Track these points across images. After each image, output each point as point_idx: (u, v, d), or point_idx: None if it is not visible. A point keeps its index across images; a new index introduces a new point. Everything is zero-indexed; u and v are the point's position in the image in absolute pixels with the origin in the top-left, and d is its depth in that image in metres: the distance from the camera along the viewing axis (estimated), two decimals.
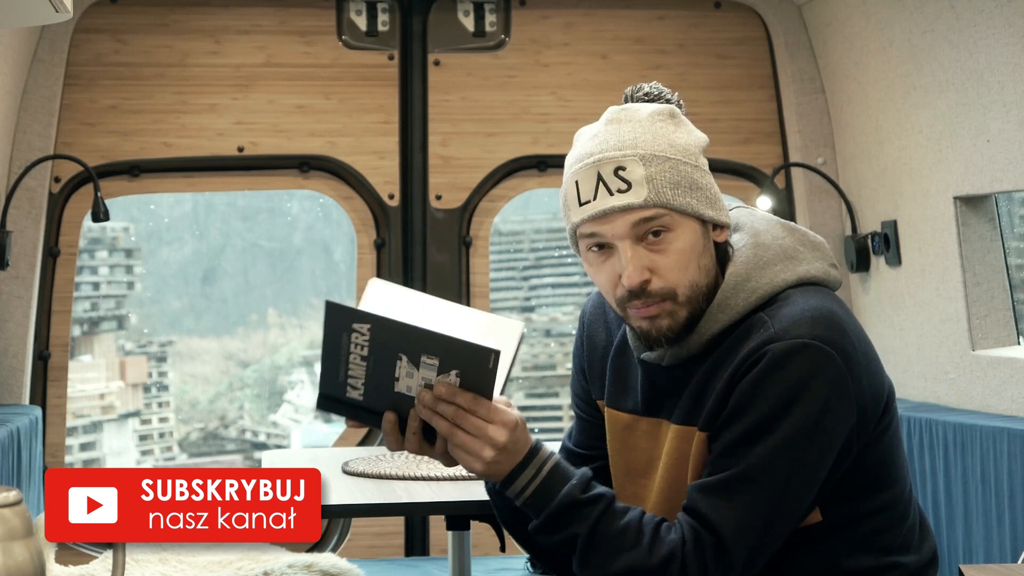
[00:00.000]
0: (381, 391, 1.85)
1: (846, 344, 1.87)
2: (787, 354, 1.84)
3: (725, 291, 1.93)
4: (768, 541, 1.86)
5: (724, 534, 1.83)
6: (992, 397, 3.65)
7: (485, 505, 2.64)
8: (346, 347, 1.84)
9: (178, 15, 4.38)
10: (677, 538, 1.85)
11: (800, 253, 1.98)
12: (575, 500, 1.88)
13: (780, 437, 1.84)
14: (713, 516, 1.84)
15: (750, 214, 2.05)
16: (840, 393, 1.86)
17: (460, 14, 4.49)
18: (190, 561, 3.77)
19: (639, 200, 1.89)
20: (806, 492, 1.87)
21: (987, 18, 3.47)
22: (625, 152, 1.92)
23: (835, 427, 1.87)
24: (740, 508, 1.84)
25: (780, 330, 1.86)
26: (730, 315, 1.92)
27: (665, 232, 1.90)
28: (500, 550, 2.89)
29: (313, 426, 7.66)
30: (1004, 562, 3.26)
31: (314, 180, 4.50)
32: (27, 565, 1.76)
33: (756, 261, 1.95)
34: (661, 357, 1.97)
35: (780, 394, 1.84)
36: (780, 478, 1.84)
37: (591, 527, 1.87)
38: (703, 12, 4.54)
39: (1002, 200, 3.82)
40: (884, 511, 1.97)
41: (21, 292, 4.19)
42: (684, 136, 1.95)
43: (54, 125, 4.24)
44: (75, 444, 6.95)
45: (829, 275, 1.98)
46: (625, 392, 2.07)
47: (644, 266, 1.90)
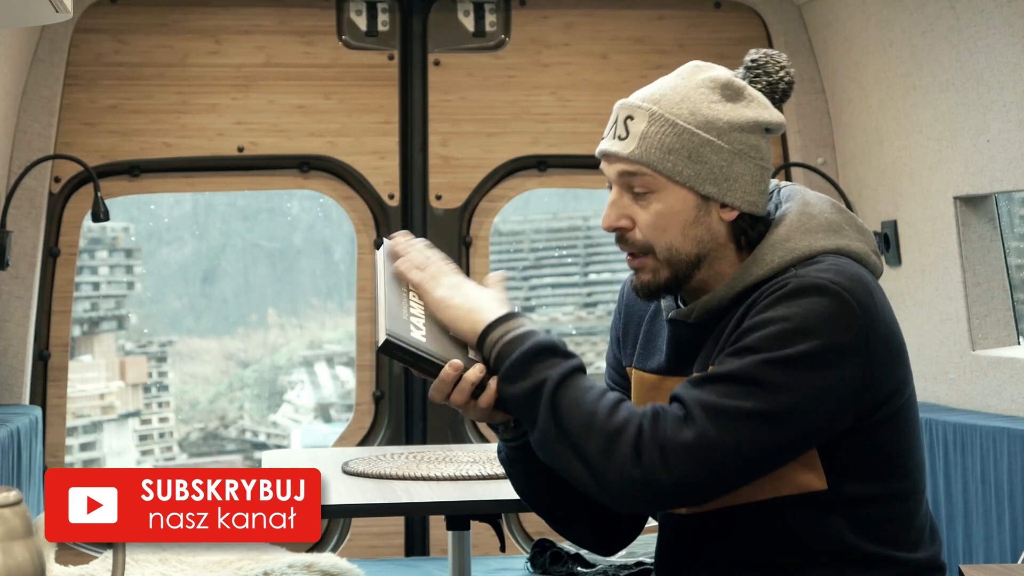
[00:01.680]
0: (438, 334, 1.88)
1: (869, 304, 1.84)
2: (807, 287, 1.82)
3: (763, 247, 1.92)
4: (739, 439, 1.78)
5: (691, 407, 1.78)
6: (992, 397, 3.65)
7: (485, 505, 2.65)
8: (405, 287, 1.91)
9: (178, 15, 4.38)
10: (639, 411, 1.81)
11: (845, 230, 1.96)
12: (553, 344, 1.87)
13: (780, 355, 1.79)
14: (685, 395, 1.80)
15: (804, 190, 2.04)
16: (851, 343, 1.81)
17: (460, 14, 4.50)
18: (190, 561, 3.77)
19: (625, 152, 1.92)
20: (794, 419, 1.80)
21: (987, 18, 3.47)
22: (644, 104, 1.95)
23: (839, 376, 1.81)
24: (718, 395, 1.79)
25: (804, 273, 1.85)
26: (764, 269, 1.90)
27: (647, 192, 1.92)
28: (500, 550, 2.89)
29: (313, 426, 7.66)
30: (1004, 562, 3.26)
31: (314, 180, 4.50)
32: (27, 565, 1.76)
33: (799, 226, 1.94)
34: (689, 313, 1.96)
35: (790, 318, 1.80)
36: (768, 389, 1.78)
37: (563, 374, 1.84)
38: (703, 12, 4.54)
39: (1002, 200, 3.82)
40: (893, 500, 1.95)
41: (21, 292, 4.19)
42: (722, 110, 1.93)
43: (54, 125, 4.24)
44: (75, 444, 6.95)
45: (870, 257, 1.95)
46: (652, 353, 2.07)
47: (623, 214, 1.93)
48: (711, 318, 1.95)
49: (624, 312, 2.18)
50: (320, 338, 7.77)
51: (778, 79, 2.01)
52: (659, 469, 1.77)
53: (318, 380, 7.82)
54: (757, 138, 1.95)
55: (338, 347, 7.57)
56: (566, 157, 4.54)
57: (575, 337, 6.69)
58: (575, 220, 6.83)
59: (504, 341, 1.87)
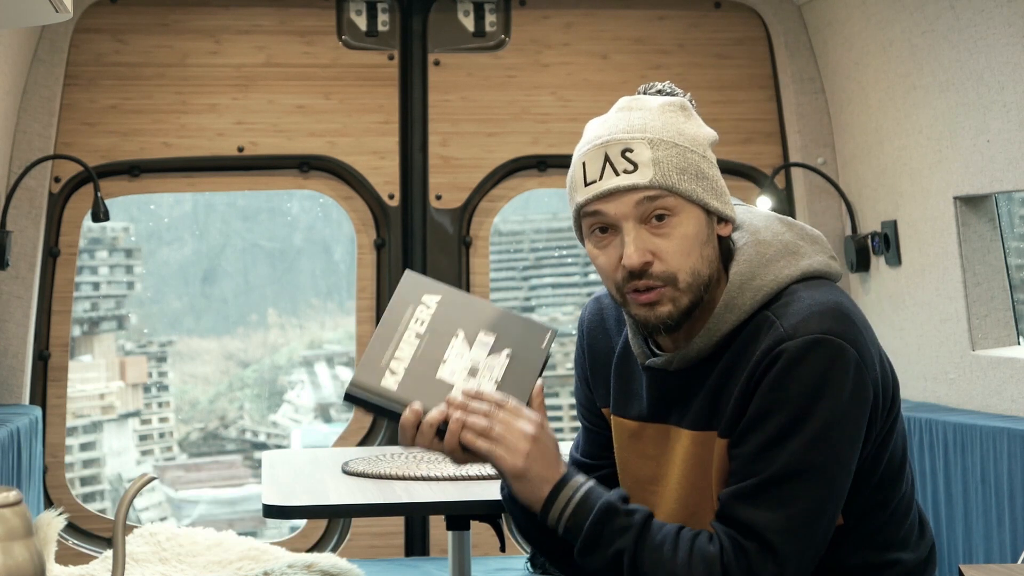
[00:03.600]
0: (420, 376, 1.88)
1: (855, 335, 1.87)
2: (803, 350, 1.84)
3: (731, 291, 1.92)
4: (815, 538, 1.84)
5: (769, 537, 1.81)
6: (992, 397, 3.65)
7: (485, 505, 2.65)
8: (407, 321, 1.88)
9: (178, 15, 4.38)
10: (716, 550, 1.83)
11: (801, 248, 1.98)
12: (615, 505, 1.88)
13: (810, 433, 1.83)
14: (755, 521, 1.82)
15: (747, 211, 2.05)
16: (859, 382, 1.86)
17: (460, 14, 4.50)
18: (190, 561, 3.77)
19: (645, 180, 1.89)
20: (843, 484, 1.86)
21: (987, 18, 3.47)
22: (634, 135, 1.93)
23: (860, 416, 1.87)
24: (781, 509, 1.82)
25: (790, 328, 1.86)
26: (738, 315, 1.92)
27: (669, 216, 1.90)
28: (500, 550, 2.89)
29: (313, 426, 7.66)
30: (1004, 562, 3.26)
31: (314, 180, 4.50)
32: (27, 565, 1.76)
33: (759, 259, 1.95)
34: (668, 363, 1.97)
35: (803, 391, 1.83)
36: (817, 473, 1.83)
37: (636, 538, 1.86)
38: (703, 12, 4.54)
39: (1002, 200, 3.82)
40: (888, 507, 1.97)
41: (21, 292, 4.19)
42: (694, 128, 1.96)
43: (54, 125, 4.24)
44: (75, 444, 6.95)
45: (831, 268, 1.99)
46: (630, 399, 2.06)
47: (646, 248, 1.90)
48: (691, 367, 1.96)
49: (588, 351, 2.17)
50: (320, 338, 7.78)
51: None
52: None
53: (318, 380, 7.83)
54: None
55: (338, 347, 7.57)
56: (566, 157, 4.49)
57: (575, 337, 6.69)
58: None
59: (568, 513, 1.89)
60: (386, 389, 1.88)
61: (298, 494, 2.74)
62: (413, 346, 1.89)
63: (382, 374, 1.88)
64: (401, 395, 1.88)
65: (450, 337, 1.88)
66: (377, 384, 1.88)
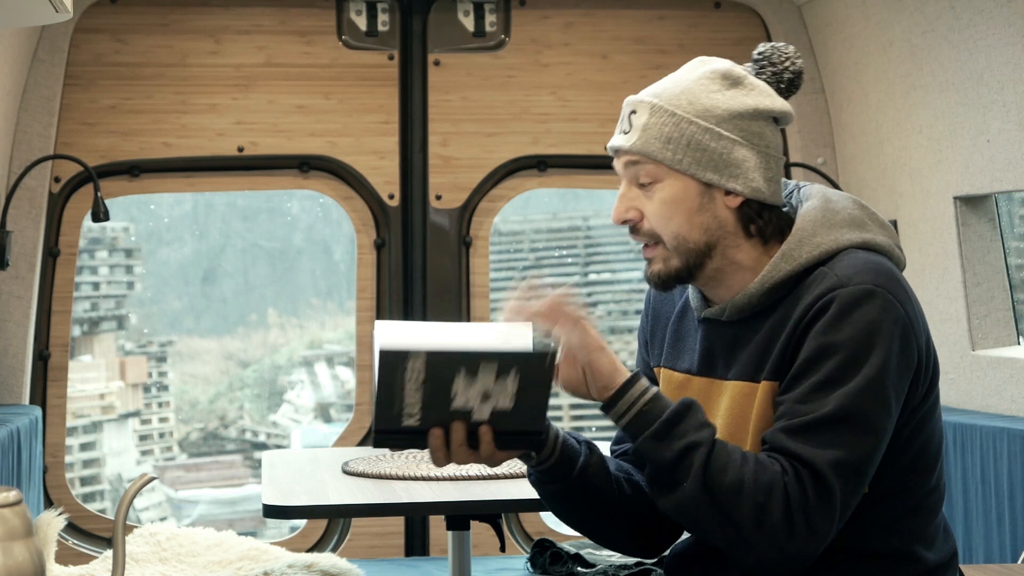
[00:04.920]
0: (437, 411, 1.89)
1: (907, 299, 1.91)
2: (856, 299, 1.87)
3: (790, 243, 1.96)
4: (860, 481, 1.86)
5: (823, 470, 1.82)
6: (992, 397, 3.65)
7: (485, 505, 2.65)
8: (400, 381, 1.86)
9: (178, 15, 4.38)
10: (779, 469, 1.84)
11: (868, 225, 2.01)
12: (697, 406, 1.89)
13: (863, 379, 1.84)
14: (807, 454, 1.83)
15: (824, 188, 2.08)
16: (906, 341, 1.89)
17: (460, 14, 4.50)
18: (190, 561, 3.77)
19: (627, 144, 1.99)
20: (886, 437, 1.88)
21: (987, 18, 3.47)
22: (646, 98, 2.00)
23: (905, 374, 1.89)
24: (833, 446, 1.83)
25: (844, 277, 1.89)
26: (792, 265, 1.95)
27: (652, 183, 1.97)
28: (500, 550, 2.89)
29: (313, 426, 7.66)
30: (1004, 562, 3.26)
31: (314, 180, 4.50)
32: (27, 565, 1.76)
33: (824, 221, 1.98)
34: (721, 312, 2.00)
35: (855, 337, 1.86)
36: (865, 420, 1.84)
37: (713, 437, 1.87)
38: (703, 12, 4.54)
39: (1002, 200, 3.82)
40: (918, 494, 1.97)
41: (21, 292, 4.19)
42: (721, 99, 1.99)
43: (54, 125, 4.24)
44: (75, 444, 6.95)
45: (895, 251, 2.01)
46: (682, 353, 2.10)
47: (631, 206, 2.00)
48: (743, 316, 1.99)
49: (651, 314, 2.21)
50: (320, 338, 7.77)
51: (783, 69, 2.08)
52: (808, 541, 1.83)
53: (318, 380, 7.82)
54: (760, 125, 2.01)
55: (338, 347, 7.57)
56: (566, 157, 4.54)
57: None
58: (575, 220, 6.83)
59: (647, 399, 1.89)
60: (409, 427, 1.90)
61: (298, 494, 2.74)
62: (418, 395, 1.88)
63: (400, 420, 1.89)
64: (424, 427, 1.89)
65: (452, 379, 1.86)
66: (399, 426, 1.89)
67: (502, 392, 1.87)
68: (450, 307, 4.45)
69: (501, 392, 1.87)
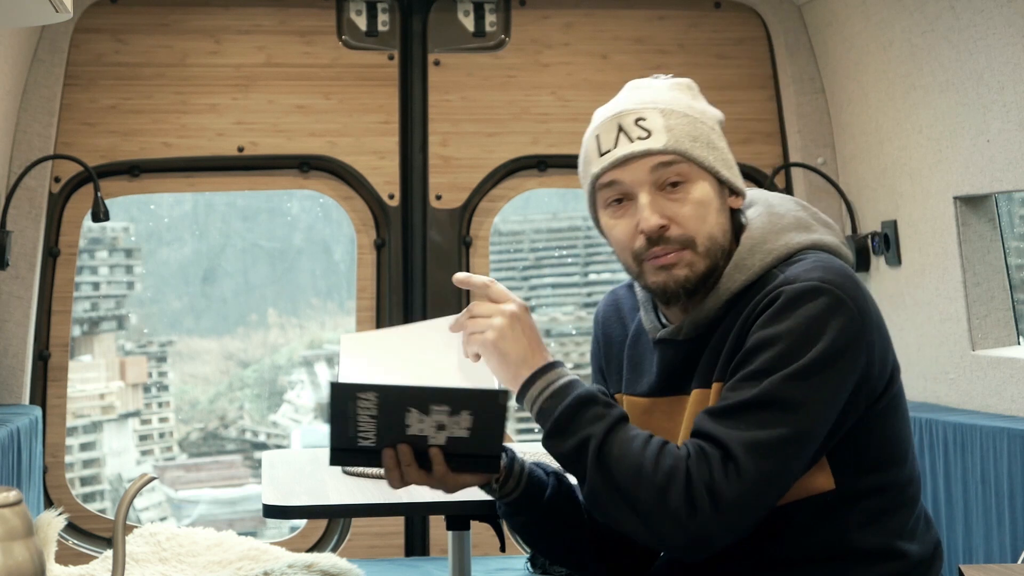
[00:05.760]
0: (393, 436, 1.89)
1: (858, 296, 1.89)
2: (800, 294, 1.86)
3: (741, 253, 1.95)
4: (782, 462, 1.82)
5: (733, 449, 1.80)
6: (992, 397, 3.65)
7: (485, 505, 2.64)
8: (353, 412, 1.86)
9: (178, 15, 4.38)
10: (684, 453, 1.83)
11: (814, 225, 2.02)
12: (593, 397, 1.88)
13: (794, 369, 1.82)
14: (720, 433, 1.81)
15: (764, 192, 2.09)
16: (853, 337, 1.86)
17: (460, 14, 4.50)
18: (190, 561, 3.77)
19: (659, 145, 1.93)
20: (817, 428, 1.85)
21: (987, 18, 3.47)
22: (645, 105, 1.98)
23: (848, 370, 1.86)
24: (752, 427, 1.81)
25: (792, 275, 1.89)
26: (747, 274, 1.94)
27: (683, 182, 1.94)
28: (500, 550, 2.89)
29: (313, 426, 7.66)
30: (1004, 562, 3.26)
31: (314, 180, 4.50)
32: (27, 565, 1.75)
33: (771, 227, 1.99)
34: (678, 331, 1.98)
35: (793, 330, 1.84)
36: (791, 407, 1.82)
37: (607, 428, 1.85)
38: (703, 12, 4.54)
39: (1002, 200, 3.82)
40: (894, 489, 1.97)
41: (21, 292, 4.19)
42: (702, 104, 2.02)
43: (54, 125, 4.24)
44: (75, 444, 6.95)
45: (842, 249, 2.01)
46: (641, 376, 2.08)
47: (663, 213, 1.93)
48: (700, 333, 1.97)
49: (602, 341, 2.19)
50: (320, 338, 7.77)
51: None
52: (713, 519, 1.79)
53: (318, 380, 7.82)
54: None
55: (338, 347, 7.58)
56: (566, 157, 4.54)
57: (575, 337, 6.69)
58: (575, 220, 6.83)
59: (544, 396, 1.89)
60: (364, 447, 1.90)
61: (298, 494, 2.74)
62: (372, 424, 1.87)
63: (355, 441, 1.89)
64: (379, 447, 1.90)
65: (404, 413, 1.86)
66: (355, 446, 1.90)
67: (456, 425, 1.87)
68: (450, 307, 4.45)
69: (455, 425, 1.87)
